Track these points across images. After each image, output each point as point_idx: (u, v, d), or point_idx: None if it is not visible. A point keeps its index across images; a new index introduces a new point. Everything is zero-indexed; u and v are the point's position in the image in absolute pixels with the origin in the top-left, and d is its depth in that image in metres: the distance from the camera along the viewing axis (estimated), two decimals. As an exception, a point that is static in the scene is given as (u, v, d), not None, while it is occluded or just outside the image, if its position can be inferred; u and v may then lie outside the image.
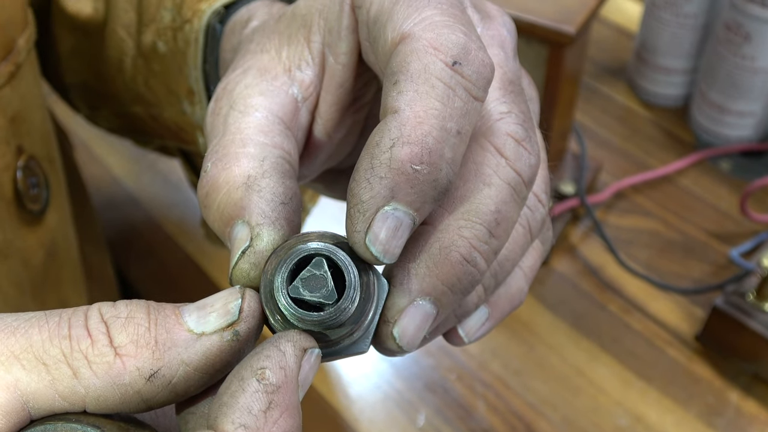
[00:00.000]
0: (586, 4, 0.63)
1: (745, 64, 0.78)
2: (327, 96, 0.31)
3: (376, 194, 0.24)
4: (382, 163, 0.24)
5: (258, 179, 0.27)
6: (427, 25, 0.25)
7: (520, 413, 0.64)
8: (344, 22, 0.30)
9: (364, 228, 0.24)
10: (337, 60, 0.30)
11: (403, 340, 0.26)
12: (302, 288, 0.24)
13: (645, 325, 0.69)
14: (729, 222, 0.77)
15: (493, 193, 0.27)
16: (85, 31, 0.54)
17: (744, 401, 0.64)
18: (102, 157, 0.86)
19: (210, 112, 0.31)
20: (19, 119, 0.47)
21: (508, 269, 0.30)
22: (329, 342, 0.25)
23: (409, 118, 0.24)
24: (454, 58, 0.25)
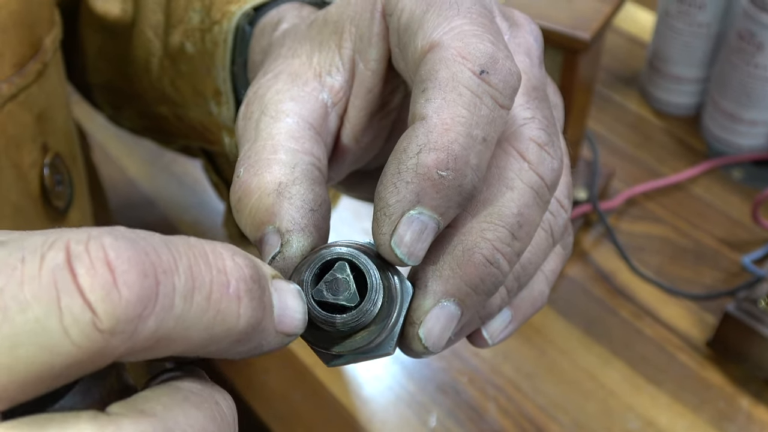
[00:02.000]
0: (600, 11, 0.64)
1: (758, 73, 0.78)
2: (356, 101, 0.32)
3: (402, 198, 0.25)
4: (408, 168, 0.25)
5: (289, 186, 0.28)
6: (456, 34, 0.26)
7: (531, 416, 0.64)
8: (375, 29, 0.30)
9: (390, 230, 0.25)
10: (367, 66, 0.31)
11: (429, 341, 0.27)
12: (326, 291, 0.25)
13: (656, 330, 0.70)
14: (740, 229, 0.77)
15: (515, 197, 0.27)
16: (112, 31, 0.54)
17: (755, 407, 0.65)
18: (118, 158, 0.87)
19: (241, 116, 0.31)
20: (44, 117, 0.48)
21: (531, 272, 0.31)
22: (355, 344, 0.26)
23: (436, 125, 0.25)
24: (482, 67, 0.26)
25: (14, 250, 0.18)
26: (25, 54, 0.45)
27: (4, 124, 0.43)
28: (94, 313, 0.18)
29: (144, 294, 0.18)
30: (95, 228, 0.19)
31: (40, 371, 0.18)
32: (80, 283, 0.18)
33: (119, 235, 0.19)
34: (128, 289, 0.18)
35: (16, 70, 0.45)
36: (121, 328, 0.18)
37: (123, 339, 0.18)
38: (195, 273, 0.20)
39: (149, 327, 0.19)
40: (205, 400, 0.21)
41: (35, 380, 0.18)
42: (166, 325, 0.19)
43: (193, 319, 0.20)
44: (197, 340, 0.20)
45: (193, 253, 0.20)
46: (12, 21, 0.44)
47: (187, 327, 0.20)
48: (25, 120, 0.46)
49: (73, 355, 0.18)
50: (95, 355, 0.18)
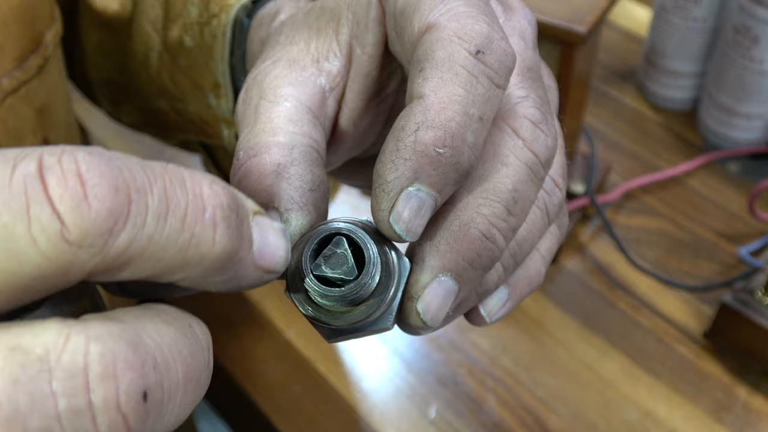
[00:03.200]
0: (596, 5, 0.64)
1: (754, 67, 0.79)
2: (353, 86, 0.32)
3: (400, 175, 0.25)
4: (407, 145, 0.25)
5: (287, 167, 0.28)
6: (452, 15, 0.26)
7: (530, 407, 0.65)
8: (372, 13, 0.31)
9: (389, 207, 0.26)
10: (363, 51, 0.31)
11: (427, 316, 0.27)
12: (324, 265, 0.26)
13: (654, 322, 0.70)
14: (737, 222, 0.78)
15: (510, 173, 0.28)
16: (111, 27, 0.55)
17: (752, 397, 0.65)
18: (118, 155, 0.88)
19: (241, 102, 0.32)
20: (45, 111, 0.48)
21: (527, 250, 0.31)
22: (354, 318, 0.26)
23: (433, 104, 0.25)
24: (478, 47, 0.26)
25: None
26: (25, 48, 0.46)
27: (4, 118, 0.43)
28: (63, 223, 0.18)
29: (115, 209, 0.18)
30: (72, 145, 0.19)
31: (7, 279, 0.18)
32: (50, 194, 0.18)
33: (94, 151, 0.19)
34: (99, 202, 0.18)
35: (17, 65, 0.45)
36: (90, 241, 0.18)
37: (92, 253, 0.18)
38: (170, 195, 0.20)
39: (120, 243, 0.18)
40: (177, 320, 0.21)
41: (2, 289, 0.18)
42: (137, 243, 0.19)
43: (166, 241, 0.20)
44: (171, 261, 0.20)
45: (169, 177, 0.20)
46: (12, 16, 0.44)
47: (160, 248, 0.19)
48: (26, 114, 0.46)
49: (40, 265, 0.18)
50: (63, 268, 0.18)
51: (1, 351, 0.17)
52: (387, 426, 0.64)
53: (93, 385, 0.18)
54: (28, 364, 0.17)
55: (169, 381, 0.19)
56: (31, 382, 0.17)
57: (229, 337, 0.70)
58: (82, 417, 0.17)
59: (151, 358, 0.19)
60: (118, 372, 0.18)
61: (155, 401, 0.19)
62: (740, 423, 0.63)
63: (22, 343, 0.17)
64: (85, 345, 0.18)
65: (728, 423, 0.63)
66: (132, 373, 0.18)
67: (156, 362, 0.19)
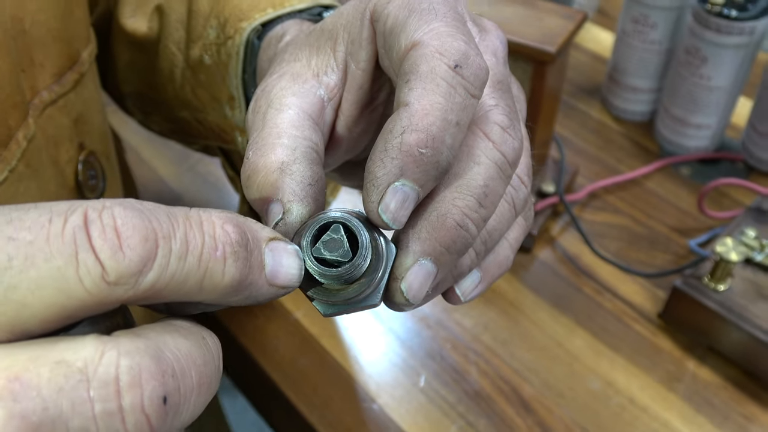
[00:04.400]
0: (565, 27, 0.64)
1: (703, 83, 0.79)
2: (348, 96, 0.32)
3: (388, 172, 0.25)
4: (394, 146, 0.25)
5: (290, 165, 0.28)
6: (434, 34, 0.27)
7: (506, 378, 0.64)
8: (364, 34, 0.31)
9: (378, 199, 0.26)
10: (357, 66, 0.31)
11: (409, 294, 0.27)
12: (323, 249, 0.26)
13: (615, 304, 0.70)
14: (688, 218, 0.78)
15: (482, 171, 0.28)
16: (140, 46, 0.55)
17: (699, 369, 0.65)
18: (149, 160, 0.88)
19: (251, 110, 0.32)
20: (81, 120, 0.48)
21: (496, 238, 0.31)
22: (348, 295, 0.26)
23: (417, 111, 0.25)
24: (456, 62, 0.26)
25: (44, 212, 0.19)
26: (63, 65, 0.46)
27: (44, 126, 0.43)
28: (103, 268, 0.19)
29: (144, 255, 0.20)
30: (111, 199, 0.20)
31: (58, 310, 0.19)
32: (93, 244, 0.19)
33: (129, 205, 0.20)
34: (131, 250, 0.19)
35: (56, 80, 0.45)
36: (124, 281, 0.19)
37: (125, 289, 0.20)
38: (189, 238, 0.21)
39: (148, 280, 0.20)
40: (192, 333, 0.22)
41: (53, 317, 0.19)
42: (162, 280, 0.20)
43: (185, 276, 0.21)
44: (189, 290, 0.21)
45: (189, 222, 0.21)
46: (52, 37, 0.44)
47: (181, 281, 0.21)
48: (64, 122, 0.46)
49: (84, 299, 0.19)
50: (102, 301, 0.20)
51: (48, 364, 0.18)
52: (382, 393, 0.64)
53: (123, 392, 0.19)
54: (70, 375, 0.18)
55: (185, 386, 0.20)
56: (73, 390, 0.18)
57: (245, 317, 0.70)
58: (113, 418, 0.19)
59: (170, 368, 0.20)
60: (143, 381, 0.19)
61: (173, 404, 0.20)
62: (689, 391, 0.63)
63: (66, 358, 0.19)
64: (116, 359, 0.19)
65: (679, 391, 0.63)
66: (154, 382, 0.19)
67: (174, 371, 0.20)
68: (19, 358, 0.18)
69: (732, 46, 0.75)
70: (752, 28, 0.74)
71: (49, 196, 0.44)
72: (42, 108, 0.43)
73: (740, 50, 0.75)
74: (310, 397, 0.64)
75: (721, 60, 0.76)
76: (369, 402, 0.63)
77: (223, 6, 0.47)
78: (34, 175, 0.41)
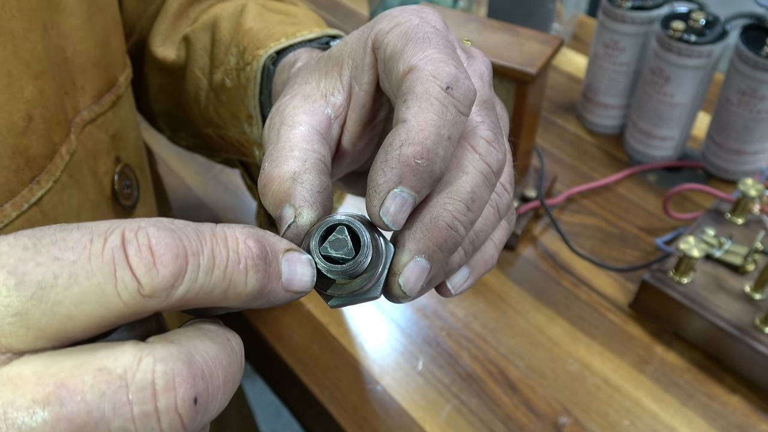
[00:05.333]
0: (544, 52, 0.64)
1: (666, 100, 0.79)
2: (352, 114, 0.32)
3: (388, 180, 0.25)
4: (393, 157, 0.25)
5: (301, 174, 0.28)
6: (429, 60, 0.27)
7: (495, 361, 0.64)
8: (367, 60, 0.31)
9: (379, 203, 0.26)
10: (360, 88, 0.31)
11: (406, 287, 0.27)
12: (330, 247, 0.26)
13: (590, 296, 0.70)
14: (654, 219, 0.78)
15: (469, 179, 0.28)
16: (169, 72, 0.55)
17: (666, 353, 0.65)
18: (178, 170, 0.88)
19: (267, 127, 0.32)
20: (118, 136, 0.49)
21: (482, 239, 0.31)
22: (352, 288, 0.27)
23: (413, 126, 0.26)
24: (448, 84, 0.26)
25: (86, 233, 0.20)
26: (102, 88, 0.46)
27: (84, 141, 0.43)
28: (139, 283, 0.19)
29: (176, 271, 0.20)
30: (145, 219, 0.21)
31: (98, 321, 0.19)
32: (130, 262, 0.19)
33: (162, 226, 0.20)
34: (164, 267, 0.20)
35: (94, 101, 0.45)
36: (158, 294, 0.20)
37: (159, 301, 0.20)
38: (215, 253, 0.21)
39: (179, 293, 0.20)
40: (219, 336, 0.22)
41: (94, 326, 0.19)
42: (191, 291, 0.21)
43: (212, 287, 0.21)
44: (215, 299, 0.22)
45: (215, 239, 0.22)
46: (92, 63, 0.44)
47: (208, 292, 0.21)
48: (102, 138, 0.46)
49: (122, 310, 0.19)
50: (138, 311, 0.20)
51: (91, 371, 0.19)
52: (384, 376, 0.63)
53: (158, 396, 0.19)
54: (111, 381, 0.19)
55: (213, 386, 0.21)
56: (114, 395, 0.19)
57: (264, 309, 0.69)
58: (150, 419, 0.19)
59: (200, 371, 0.20)
60: (176, 385, 0.19)
61: (203, 403, 0.20)
62: (657, 373, 0.63)
63: (107, 365, 0.19)
64: (152, 365, 0.19)
65: (648, 373, 0.63)
66: (186, 385, 0.20)
67: (204, 374, 0.20)
68: (65, 366, 0.19)
69: (692, 67, 0.75)
70: (710, 51, 0.74)
71: (89, 203, 0.44)
72: (82, 126, 0.43)
73: (699, 71, 0.76)
74: (321, 379, 0.64)
75: (683, 79, 0.76)
76: (373, 384, 0.63)
77: (242, 36, 0.48)
78: (75, 185, 0.41)
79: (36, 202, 0.37)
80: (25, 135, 0.36)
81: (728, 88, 0.75)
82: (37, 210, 0.37)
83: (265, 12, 0.51)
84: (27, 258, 0.19)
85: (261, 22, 0.49)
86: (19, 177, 0.36)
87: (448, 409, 0.61)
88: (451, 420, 0.60)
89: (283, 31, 0.47)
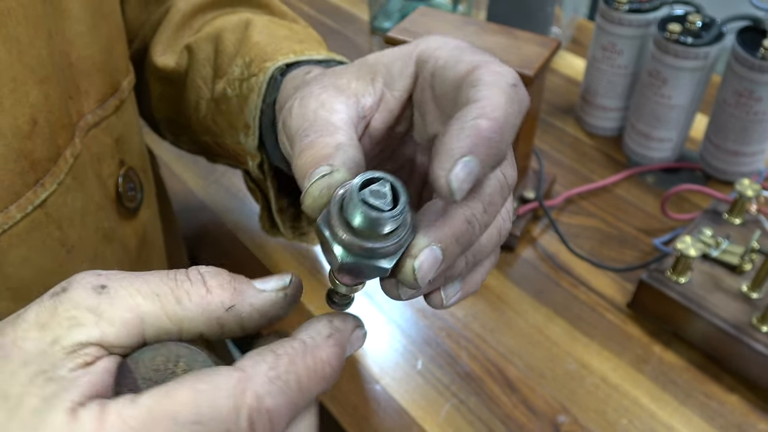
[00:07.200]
0: (541, 54, 0.65)
1: (664, 102, 0.79)
2: (379, 116, 0.33)
3: (462, 145, 0.25)
4: (468, 126, 0.26)
5: (345, 146, 0.29)
6: (491, 62, 0.28)
7: (494, 360, 0.65)
8: (408, 70, 0.32)
9: (449, 168, 0.25)
10: (392, 94, 0.32)
11: (419, 273, 0.27)
12: (369, 194, 0.26)
13: (588, 296, 0.71)
14: (653, 220, 0.78)
15: (489, 184, 0.29)
16: (169, 80, 0.56)
17: (665, 352, 0.65)
18: (180, 174, 0.89)
19: (296, 106, 0.32)
20: (121, 140, 0.49)
21: (483, 256, 0.31)
22: (370, 245, 0.26)
23: (488, 104, 0.26)
24: (513, 82, 0.27)
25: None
26: (106, 93, 0.47)
27: (89, 145, 0.44)
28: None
29: (289, 419, 0.26)
30: (266, 391, 0.25)
31: None
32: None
33: (276, 392, 0.25)
34: (272, 420, 0.25)
35: (99, 105, 0.46)
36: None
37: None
38: (314, 391, 0.26)
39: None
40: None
41: None
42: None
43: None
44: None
45: (315, 380, 0.26)
46: (96, 69, 0.45)
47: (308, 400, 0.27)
48: (106, 142, 0.47)
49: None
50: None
51: None
52: (384, 376, 0.64)
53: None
54: None
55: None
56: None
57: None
58: None
59: None
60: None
61: None
62: (656, 372, 0.64)
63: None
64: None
65: (646, 372, 0.64)
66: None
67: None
68: None
69: (689, 69, 0.76)
70: (706, 53, 0.75)
71: (93, 205, 0.45)
72: (87, 129, 0.44)
73: (696, 73, 0.76)
74: (322, 379, 0.64)
75: (680, 81, 0.77)
76: (373, 383, 0.63)
77: (249, 48, 0.48)
78: (80, 188, 0.42)
79: (40, 204, 0.38)
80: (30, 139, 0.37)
81: (725, 89, 0.76)
82: (41, 212, 0.38)
83: (271, 26, 0.52)
84: None
85: (268, 36, 0.50)
86: (24, 179, 0.37)
87: (447, 408, 0.61)
88: (450, 419, 0.60)
89: (290, 48, 0.48)
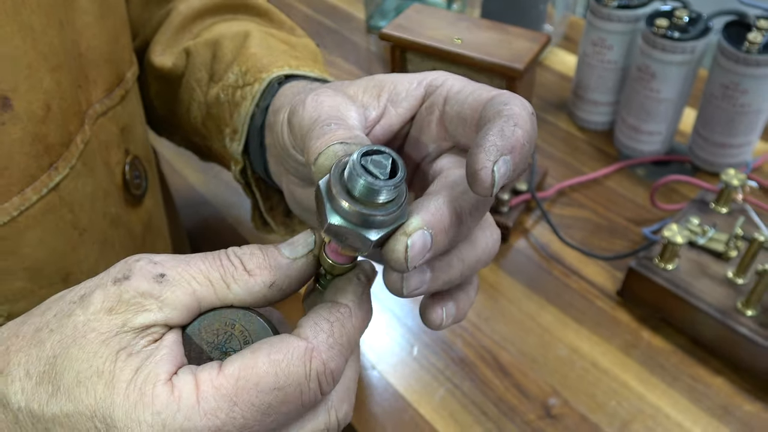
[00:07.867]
0: (531, 48, 0.67)
1: (653, 96, 0.81)
2: (379, 129, 0.34)
3: (505, 144, 0.27)
4: (509, 131, 0.27)
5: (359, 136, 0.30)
6: (510, 93, 0.30)
7: (487, 347, 0.67)
8: (416, 92, 0.34)
9: (493, 160, 0.27)
10: (396, 111, 0.34)
11: (411, 252, 0.27)
12: (370, 163, 0.27)
13: (579, 284, 0.72)
14: (643, 211, 0.80)
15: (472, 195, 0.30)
16: (165, 79, 0.57)
17: (653, 338, 0.67)
18: (181, 169, 0.90)
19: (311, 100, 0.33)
20: (127, 129, 0.51)
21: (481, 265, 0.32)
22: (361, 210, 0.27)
23: (521, 118, 0.28)
24: (532, 111, 0.29)
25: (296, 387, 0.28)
26: (112, 83, 0.49)
27: (97, 133, 0.46)
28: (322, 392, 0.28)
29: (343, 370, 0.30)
30: (330, 355, 0.28)
31: None
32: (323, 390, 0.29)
33: (336, 355, 0.29)
34: (335, 378, 0.29)
35: (106, 95, 0.48)
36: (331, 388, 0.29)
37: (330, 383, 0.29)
38: (359, 341, 0.32)
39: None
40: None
41: None
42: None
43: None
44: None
45: (360, 334, 0.32)
46: (103, 60, 0.47)
47: None
48: (113, 130, 0.49)
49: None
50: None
51: None
52: (381, 362, 0.66)
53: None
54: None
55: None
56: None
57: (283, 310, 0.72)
58: None
59: None
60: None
61: None
62: (644, 357, 0.65)
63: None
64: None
65: (635, 357, 0.65)
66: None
67: None
68: None
69: (676, 63, 0.78)
70: (693, 47, 0.77)
71: (101, 191, 0.46)
72: (95, 117, 0.46)
73: (683, 67, 0.78)
74: (320, 365, 0.66)
75: (668, 75, 0.79)
76: (370, 369, 0.65)
77: (246, 58, 0.50)
78: (90, 174, 0.44)
79: (54, 187, 0.40)
80: (44, 123, 0.39)
81: (712, 83, 0.78)
82: (55, 195, 0.40)
83: (269, 39, 0.53)
84: None
85: (266, 49, 0.51)
86: (39, 163, 0.39)
87: (441, 392, 0.63)
88: (445, 402, 0.62)
89: (286, 62, 0.49)
